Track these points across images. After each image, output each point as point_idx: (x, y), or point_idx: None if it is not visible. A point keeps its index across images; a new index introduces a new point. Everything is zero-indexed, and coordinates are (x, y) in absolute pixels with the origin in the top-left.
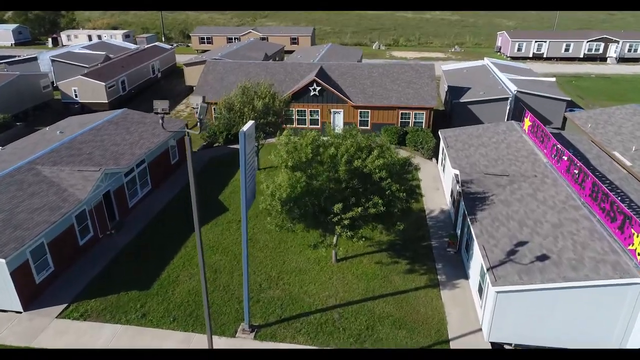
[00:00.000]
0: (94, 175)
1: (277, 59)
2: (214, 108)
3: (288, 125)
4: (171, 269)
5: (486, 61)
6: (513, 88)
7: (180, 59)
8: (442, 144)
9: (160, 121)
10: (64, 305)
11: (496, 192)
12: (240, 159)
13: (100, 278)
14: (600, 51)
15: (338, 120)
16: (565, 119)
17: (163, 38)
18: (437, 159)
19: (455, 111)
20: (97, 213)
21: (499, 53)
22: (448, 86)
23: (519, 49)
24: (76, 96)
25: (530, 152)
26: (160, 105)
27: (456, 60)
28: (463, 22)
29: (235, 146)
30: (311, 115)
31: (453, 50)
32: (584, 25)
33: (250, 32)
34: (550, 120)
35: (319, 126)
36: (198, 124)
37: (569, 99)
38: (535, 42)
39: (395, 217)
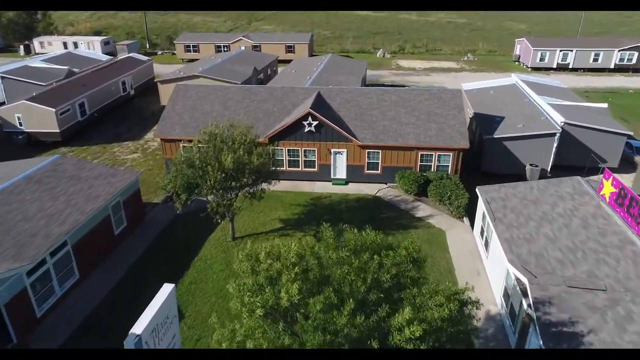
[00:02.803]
0: None
1: (269, 72)
2: (182, 146)
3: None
4: None
5: (514, 78)
6: (559, 119)
7: (164, 69)
8: (481, 206)
9: None
10: None
11: (592, 324)
12: None
13: None
14: (634, 61)
15: (340, 163)
16: (627, 159)
17: (147, 44)
18: (469, 219)
19: (487, 149)
20: None
21: (517, 63)
22: (474, 114)
23: (542, 59)
24: (21, 124)
25: (623, 238)
26: None
27: (471, 71)
28: (471, 25)
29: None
30: (306, 155)
31: (466, 58)
32: (597, 29)
33: (241, 39)
34: (605, 158)
35: (316, 169)
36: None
37: (630, 132)
38: (560, 51)
39: None
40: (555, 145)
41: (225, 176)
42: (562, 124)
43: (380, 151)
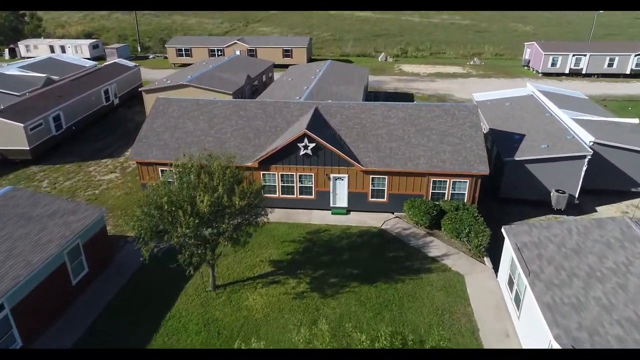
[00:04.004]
0: None
1: (264, 79)
2: (161, 170)
3: (266, 195)
4: None
5: (530, 87)
6: (588, 138)
7: (154, 75)
8: (508, 250)
9: None
10: None
11: None
12: None
13: None
14: None
15: (340, 190)
16: None
17: (139, 47)
18: (490, 256)
19: (506, 172)
20: None
21: (527, 68)
22: (490, 130)
23: (554, 64)
24: None
25: None
26: None
27: (478, 77)
28: (475, 27)
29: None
30: (301, 181)
31: (472, 63)
32: (605, 30)
33: (235, 43)
34: (637, 180)
35: (313, 197)
36: None
37: None
38: (573, 55)
39: None
40: (584, 169)
41: (200, 222)
42: (592, 144)
43: (386, 177)
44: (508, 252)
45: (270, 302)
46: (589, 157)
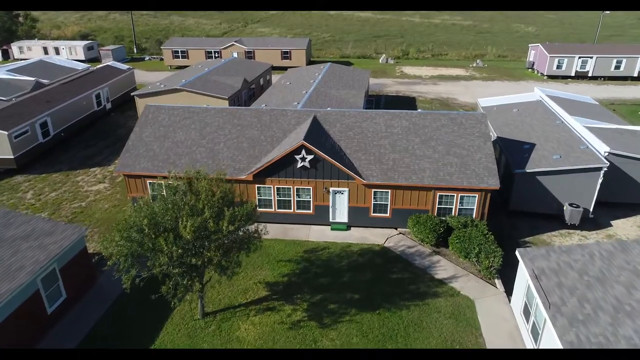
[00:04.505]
0: None
1: (261, 82)
2: (149, 183)
3: (261, 209)
4: None
5: (538, 92)
6: (603, 148)
7: (150, 77)
8: (523, 275)
9: None
10: None
11: None
12: None
13: None
14: None
15: (340, 204)
16: None
17: (135, 49)
18: (501, 282)
19: (516, 184)
20: None
21: (531, 70)
22: (498, 138)
23: (559, 67)
24: None
25: None
26: None
27: (481, 79)
28: (477, 28)
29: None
30: (298, 195)
31: (475, 65)
32: (608, 31)
33: (233, 44)
34: None
35: (312, 211)
36: None
37: None
38: (579, 57)
39: None
40: (600, 181)
41: (184, 250)
42: (607, 154)
43: (389, 191)
44: (523, 278)
45: (263, 333)
46: (605, 169)
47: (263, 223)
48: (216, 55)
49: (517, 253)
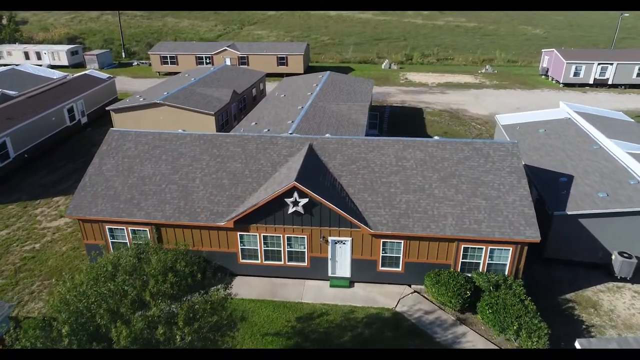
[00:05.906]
0: None
1: (254, 93)
2: (109, 229)
3: (244, 261)
4: None
5: (564, 107)
6: None
7: (137, 85)
8: None
9: None
10: None
11: None
12: None
13: None
14: None
15: (342, 256)
16: None
17: (123, 53)
18: None
19: (554, 228)
20: None
21: (545, 77)
22: (526, 167)
23: (576, 74)
24: None
25: None
26: None
27: (492, 87)
28: (482, 30)
29: None
30: (290, 245)
31: (484, 71)
32: (620, 34)
33: (225, 49)
34: None
35: (307, 264)
36: None
37: None
38: (599, 64)
39: None
40: None
41: None
42: None
43: (402, 241)
44: None
45: None
46: None
47: (248, 276)
48: (207, 62)
49: (577, 345)
